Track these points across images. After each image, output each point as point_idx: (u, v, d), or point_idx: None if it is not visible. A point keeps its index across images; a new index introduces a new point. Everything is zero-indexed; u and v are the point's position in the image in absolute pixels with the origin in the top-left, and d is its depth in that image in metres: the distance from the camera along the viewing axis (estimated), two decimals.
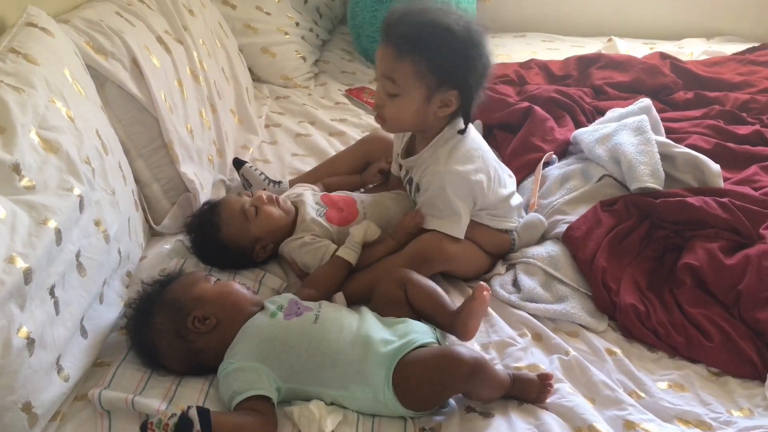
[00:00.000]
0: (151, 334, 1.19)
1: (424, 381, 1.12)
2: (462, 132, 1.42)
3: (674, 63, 2.40)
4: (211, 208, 1.54)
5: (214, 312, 1.20)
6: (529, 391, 1.18)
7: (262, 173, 1.80)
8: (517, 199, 1.58)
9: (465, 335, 1.26)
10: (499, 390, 1.16)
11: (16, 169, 1.08)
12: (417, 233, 1.47)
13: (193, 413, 1.01)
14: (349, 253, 1.43)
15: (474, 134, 1.49)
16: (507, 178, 1.58)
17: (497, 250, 1.56)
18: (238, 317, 1.21)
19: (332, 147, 2.06)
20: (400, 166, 1.59)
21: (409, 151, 1.54)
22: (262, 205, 1.53)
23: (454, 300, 1.36)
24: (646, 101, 1.86)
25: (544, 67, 2.45)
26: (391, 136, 1.68)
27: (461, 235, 1.45)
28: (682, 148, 1.65)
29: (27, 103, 1.16)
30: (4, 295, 0.95)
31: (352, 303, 1.38)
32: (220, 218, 1.50)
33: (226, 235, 1.49)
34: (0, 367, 0.94)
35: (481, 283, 1.28)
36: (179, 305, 1.19)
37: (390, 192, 1.67)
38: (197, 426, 1.00)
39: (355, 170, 1.81)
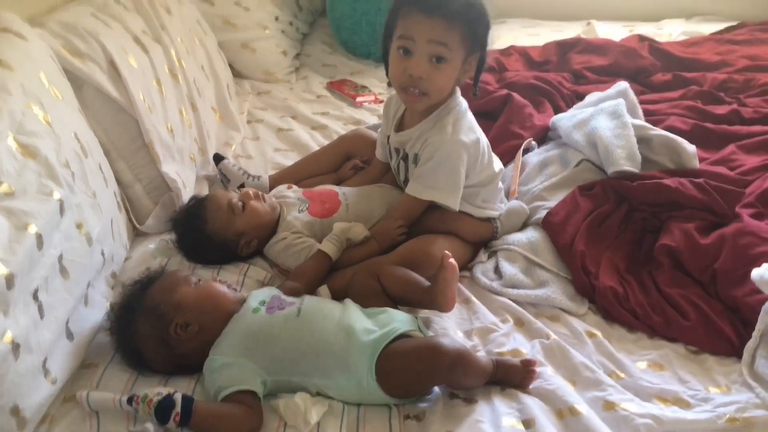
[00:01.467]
0: (135, 339, 1.20)
1: (406, 372, 1.14)
2: (475, 95, 1.53)
3: (652, 45, 2.42)
4: (199, 202, 1.57)
5: (196, 318, 1.20)
6: (513, 377, 1.20)
7: (240, 168, 1.82)
8: (500, 184, 1.61)
9: (445, 305, 1.29)
10: (482, 378, 1.18)
11: None
12: (402, 239, 1.50)
13: (177, 397, 1.06)
14: (329, 247, 1.45)
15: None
16: (495, 157, 1.61)
17: (480, 239, 1.58)
18: (220, 319, 1.22)
19: (314, 141, 2.07)
20: (389, 149, 1.60)
21: (401, 127, 1.56)
22: (249, 200, 1.55)
23: None
24: (623, 84, 1.88)
25: (523, 53, 2.46)
26: (372, 133, 1.69)
27: (456, 207, 1.49)
28: (658, 131, 1.68)
29: (3, 110, 1.16)
30: None
31: (337, 299, 1.39)
32: (207, 211, 1.52)
33: (212, 228, 1.51)
34: None
35: (445, 251, 1.30)
36: (159, 313, 1.20)
37: (372, 184, 1.69)
38: (177, 408, 1.05)
39: (335, 167, 1.82)
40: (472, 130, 1.49)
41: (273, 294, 1.28)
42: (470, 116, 1.51)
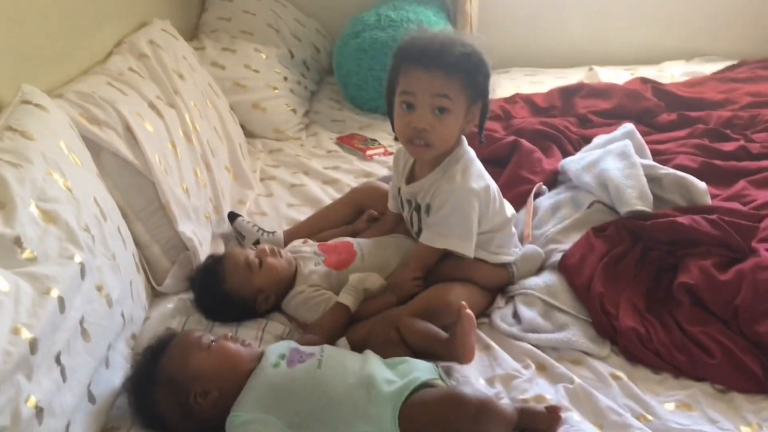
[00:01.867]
0: (155, 411, 1.19)
1: (430, 424, 1.12)
2: (481, 142, 1.54)
3: (655, 86, 2.45)
4: (216, 260, 1.59)
5: (214, 383, 1.19)
6: (539, 424, 1.18)
7: (255, 225, 1.84)
8: (513, 229, 1.62)
9: (465, 357, 1.28)
10: (507, 427, 1.16)
11: (18, 242, 1.11)
12: (418, 290, 1.50)
13: None
14: (347, 298, 1.45)
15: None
16: (506, 202, 1.62)
17: (497, 284, 1.58)
18: (239, 380, 1.20)
19: (327, 195, 2.09)
20: (401, 200, 1.62)
21: (411, 179, 1.58)
22: (266, 257, 1.56)
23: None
24: (629, 126, 1.90)
25: (528, 100, 2.50)
26: (383, 185, 1.72)
27: (471, 254, 1.49)
28: (667, 170, 1.69)
29: (25, 178, 1.20)
30: (11, 367, 0.96)
31: (356, 351, 1.39)
32: (224, 270, 1.54)
33: (230, 285, 1.52)
34: None
35: (461, 302, 1.30)
36: (176, 384, 1.18)
37: (386, 235, 1.70)
38: None
39: (348, 220, 1.84)
40: (481, 177, 1.51)
41: (291, 347, 1.28)
42: (478, 164, 1.53)
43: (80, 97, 1.60)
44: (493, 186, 1.54)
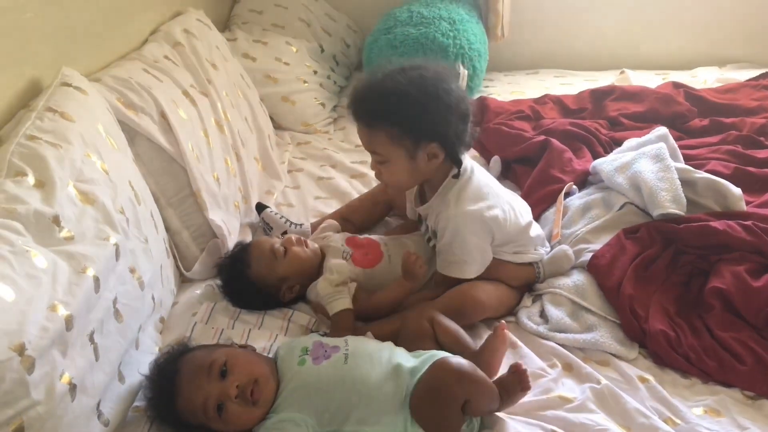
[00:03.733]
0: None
1: (427, 399, 1.14)
2: (456, 176, 1.45)
3: (688, 91, 2.42)
4: (243, 248, 1.61)
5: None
6: (513, 388, 1.18)
7: (282, 216, 1.85)
8: (536, 230, 1.60)
9: (488, 374, 1.26)
10: (492, 397, 1.16)
11: (56, 221, 1.12)
12: (450, 284, 1.49)
13: None
14: (343, 303, 1.44)
15: (480, 173, 1.51)
16: (522, 209, 1.59)
17: (523, 283, 1.57)
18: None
19: (353, 188, 2.10)
20: (418, 215, 1.62)
21: (422, 198, 1.58)
22: (291, 246, 1.57)
23: (482, 334, 1.39)
24: (662, 129, 1.88)
25: (558, 101, 2.49)
26: None
27: (473, 275, 1.48)
28: (702, 174, 1.67)
29: (64, 158, 1.22)
30: (47, 342, 0.98)
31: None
32: (250, 257, 1.55)
33: (255, 273, 1.53)
34: (46, 412, 0.96)
35: (502, 321, 1.30)
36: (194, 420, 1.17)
37: (412, 234, 1.70)
38: None
39: (375, 215, 1.85)
40: (480, 198, 1.46)
41: (314, 341, 1.28)
42: (476, 183, 1.46)
43: (117, 82, 1.62)
44: (499, 201, 1.49)
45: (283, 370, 1.22)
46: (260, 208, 1.90)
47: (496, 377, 1.22)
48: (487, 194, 1.48)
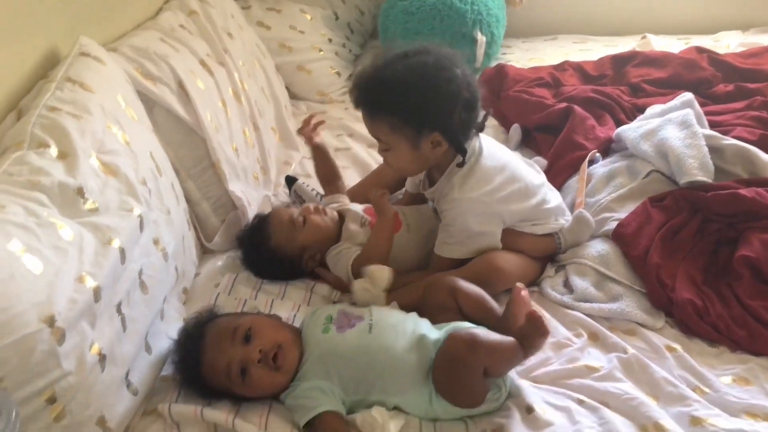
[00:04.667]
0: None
1: (446, 372, 1.14)
2: (460, 165, 1.43)
3: (712, 56, 2.36)
4: (262, 219, 1.61)
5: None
6: (532, 335, 1.15)
7: (313, 189, 1.84)
8: (555, 200, 1.58)
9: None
10: (512, 356, 1.14)
11: (80, 192, 1.12)
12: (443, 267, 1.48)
13: None
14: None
15: (489, 153, 1.47)
16: (534, 185, 1.54)
17: (544, 254, 1.55)
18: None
19: (372, 158, 2.08)
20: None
21: (431, 180, 1.56)
22: (309, 215, 1.56)
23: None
24: (688, 95, 1.84)
25: (578, 68, 2.44)
26: None
27: (466, 256, 1.46)
28: (730, 140, 1.63)
29: (86, 129, 1.21)
30: (76, 314, 0.98)
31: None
32: (270, 227, 1.55)
33: (276, 243, 1.53)
34: (77, 382, 0.97)
35: (517, 284, 1.28)
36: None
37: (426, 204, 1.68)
38: None
39: (397, 184, 1.82)
40: (485, 182, 1.44)
41: (339, 309, 1.28)
42: (482, 166, 1.44)
43: (135, 51, 1.60)
44: (508, 181, 1.46)
45: (308, 338, 1.22)
46: (290, 180, 1.89)
47: (517, 328, 1.19)
48: (495, 175, 1.46)
